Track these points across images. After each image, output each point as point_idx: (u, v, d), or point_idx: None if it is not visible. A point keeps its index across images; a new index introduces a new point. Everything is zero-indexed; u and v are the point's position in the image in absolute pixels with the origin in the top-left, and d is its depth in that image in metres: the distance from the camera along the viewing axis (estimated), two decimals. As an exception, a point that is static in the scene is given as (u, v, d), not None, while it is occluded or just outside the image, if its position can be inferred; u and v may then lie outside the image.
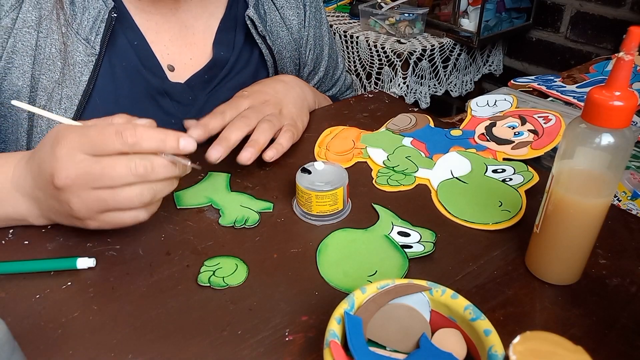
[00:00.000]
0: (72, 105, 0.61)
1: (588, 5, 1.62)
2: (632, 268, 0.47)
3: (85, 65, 0.61)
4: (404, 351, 0.37)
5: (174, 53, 0.69)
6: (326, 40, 0.84)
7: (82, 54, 0.61)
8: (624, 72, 0.36)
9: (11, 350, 0.32)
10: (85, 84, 0.61)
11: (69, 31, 0.60)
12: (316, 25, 0.81)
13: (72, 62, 0.60)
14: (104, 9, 0.61)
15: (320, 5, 0.82)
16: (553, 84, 1.08)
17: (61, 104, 0.61)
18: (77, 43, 0.60)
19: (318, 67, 0.85)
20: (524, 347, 0.30)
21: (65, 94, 0.61)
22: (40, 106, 0.60)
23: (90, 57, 0.61)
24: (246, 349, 0.41)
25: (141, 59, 0.65)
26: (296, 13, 0.77)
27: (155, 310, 0.44)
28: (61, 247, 0.51)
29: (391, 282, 0.38)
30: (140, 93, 0.66)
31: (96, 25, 0.60)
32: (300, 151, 0.65)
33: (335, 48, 0.88)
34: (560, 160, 0.42)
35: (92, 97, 0.62)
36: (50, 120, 0.61)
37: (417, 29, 1.68)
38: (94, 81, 0.62)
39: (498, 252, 0.50)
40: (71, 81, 0.61)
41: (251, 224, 0.53)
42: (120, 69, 0.64)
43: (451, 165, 0.61)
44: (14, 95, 0.60)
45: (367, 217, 0.54)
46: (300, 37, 0.79)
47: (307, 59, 0.82)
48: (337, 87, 0.91)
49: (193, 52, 0.70)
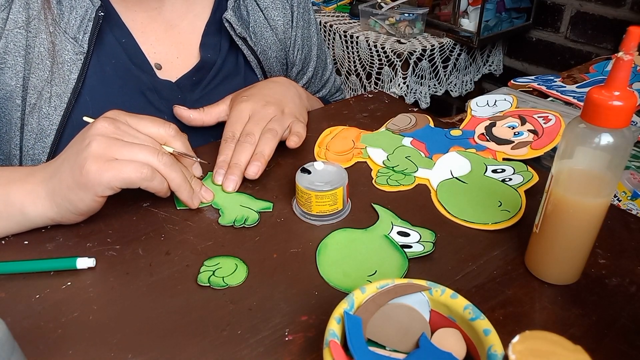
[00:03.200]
0: (61, 103, 0.62)
1: (588, 5, 1.62)
2: (631, 268, 0.47)
3: (74, 63, 0.62)
4: (404, 351, 0.37)
5: (160, 52, 0.69)
6: (314, 41, 0.85)
7: (70, 53, 0.61)
8: (623, 72, 0.37)
9: (11, 350, 0.32)
10: (74, 82, 0.62)
11: (56, 30, 0.61)
12: (304, 26, 0.81)
13: (60, 61, 0.61)
14: (90, 7, 0.61)
15: (308, 6, 0.83)
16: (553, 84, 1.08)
17: (51, 102, 0.62)
18: (65, 42, 0.61)
19: (306, 68, 0.85)
20: (524, 347, 0.30)
21: (54, 92, 0.61)
22: (30, 104, 0.61)
23: (79, 56, 0.62)
24: (246, 349, 0.41)
25: (130, 57, 0.66)
26: (282, 14, 0.77)
27: (155, 310, 0.44)
28: (61, 247, 0.51)
29: (391, 282, 0.38)
30: (131, 90, 0.66)
31: (84, 24, 0.61)
32: (300, 151, 0.65)
33: (325, 49, 0.89)
34: (560, 160, 0.42)
35: (82, 94, 0.63)
36: (41, 117, 0.62)
37: (417, 29, 1.68)
38: (82, 79, 0.62)
39: (498, 252, 0.50)
40: (60, 79, 0.61)
41: (251, 224, 0.53)
42: (109, 67, 0.65)
43: (451, 165, 0.61)
44: (7, 94, 0.61)
45: (367, 217, 0.54)
46: (287, 38, 0.79)
47: (295, 59, 0.82)
48: (327, 88, 0.92)
49: (180, 51, 0.71)
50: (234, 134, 0.63)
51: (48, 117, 0.62)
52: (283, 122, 0.64)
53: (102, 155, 0.48)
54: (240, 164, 0.59)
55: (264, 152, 0.60)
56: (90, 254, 0.49)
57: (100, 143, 0.48)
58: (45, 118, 0.62)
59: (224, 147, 0.62)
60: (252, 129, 0.62)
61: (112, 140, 0.49)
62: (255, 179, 0.59)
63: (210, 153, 0.64)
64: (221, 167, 0.60)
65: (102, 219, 0.54)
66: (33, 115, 0.62)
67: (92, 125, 0.50)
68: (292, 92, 0.71)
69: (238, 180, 0.59)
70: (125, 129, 0.50)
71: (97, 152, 0.48)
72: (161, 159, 0.50)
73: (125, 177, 0.48)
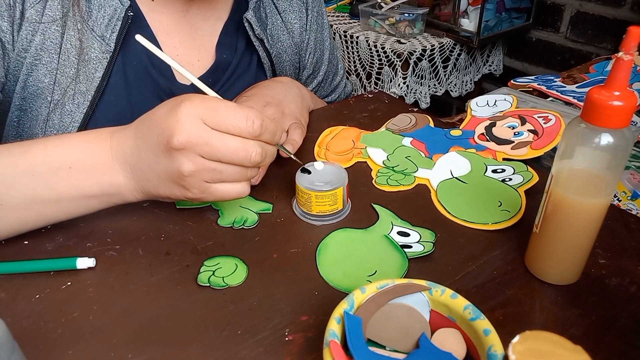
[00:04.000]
0: (85, 101, 0.62)
1: (588, 5, 1.62)
2: (631, 268, 0.47)
3: (100, 62, 0.61)
4: (404, 351, 0.37)
5: (182, 55, 0.69)
6: (327, 45, 0.84)
7: (96, 51, 0.61)
8: (623, 72, 0.37)
9: (11, 350, 0.32)
10: (98, 80, 0.62)
11: (84, 27, 0.60)
12: (317, 29, 0.81)
13: (86, 59, 0.61)
14: (120, 7, 0.61)
15: (322, 10, 0.82)
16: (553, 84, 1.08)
17: (74, 99, 0.61)
18: (92, 40, 0.61)
19: (317, 71, 0.85)
20: (524, 347, 0.30)
21: (79, 90, 0.61)
22: (54, 101, 0.61)
23: (105, 54, 0.61)
24: (246, 349, 0.41)
25: (151, 59, 0.66)
26: (298, 17, 0.77)
27: (155, 310, 0.44)
28: (61, 247, 0.51)
29: (391, 282, 0.38)
30: (149, 92, 0.66)
31: (112, 23, 0.61)
32: (300, 151, 0.65)
33: (336, 54, 0.89)
34: (560, 160, 0.42)
35: (106, 93, 0.63)
36: (63, 114, 0.61)
37: (417, 29, 1.68)
38: (107, 78, 0.62)
39: (497, 252, 0.50)
40: (85, 77, 0.61)
41: (250, 225, 0.53)
42: (130, 67, 0.65)
43: (451, 165, 0.61)
44: (38, 91, 0.60)
45: (367, 217, 0.54)
46: (302, 41, 0.79)
47: (307, 62, 0.82)
48: (337, 93, 0.91)
49: (201, 54, 0.71)
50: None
51: (71, 114, 0.62)
52: (282, 125, 0.64)
53: (199, 182, 0.46)
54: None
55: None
56: (90, 254, 0.49)
57: (192, 171, 0.45)
58: (68, 115, 0.62)
59: None
60: None
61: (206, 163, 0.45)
62: (255, 184, 0.58)
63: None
64: None
65: (102, 219, 0.54)
66: (56, 112, 0.61)
67: (173, 160, 0.45)
68: (293, 92, 0.71)
69: None
70: (215, 142, 0.44)
71: (192, 181, 0.45)
72: (255, 170, 0.48)
73: (232, 197, 0.48)
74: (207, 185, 0.46)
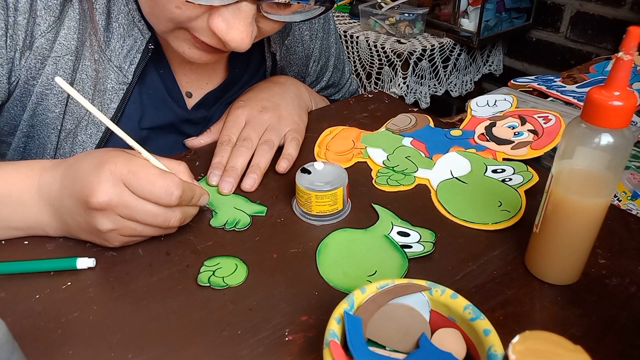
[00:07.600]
0: (98, 132, 0.60)
1: (588, 5, 1.62)
2: (631, 268, 0.47)
3: (116, 92, 0.60)
4: (404, 351, 0.37)
5: (192, 80, 0.68)
6: (332, 51, 0.82)
7: (113, 82, 0.59)
8: (623, 72, 0.37)
9: (11, 350, 0.32)
10: (113, 111, 0.60)
11: (101, 57, 0.58)
12: (323, 37, 0.79)
13: (102, 89, 0.59)
14: (140, 38, 0.58)
15: (329, 15, 0.80)
16: (553, 84, 1.08)
17: (87, 130, 0.60)
18: (109, 70, 0.59)
19: (321, 78, 0.83)
20: (524, 347, 0.30)
21: (92, 120, 0.60)
22: (66, 130, 0.60)
23: (122, 85, 0.60)
24: (246, 349, 0.41)
25: (167, 88, 0.65)
26: (308, 27, 0.75)
27: (155, 310, 0.44)
28: (61, 247, 0.51)
29: (391, 282, 0.38)
30: (163, 120, 0.66)
31: (131, 55, 0.59)
32: (300, 151, 0.65)
33: (343, 57, 0.86)
34: (560, 160, 0.42)
35: (119, 123, 0.61)
36: (75, 144, 0.60)
37: (417, 29, 1.68)
38: (122, 108, 0.61)
39: (497, 252, 0.50)
40: (100, 107, 0.59)
41: (241, 227, 0.53)
42: (146, 96, 0.63)
43: (451, 165, 0.61)
44: (47, 120, 0.59)
45: (367, 217, 0.54)
46: (309, 50, 0.78)
47: (311, 70, 0.80)
48: (341, 93, 0.90)
49: (210, 76, 0.70)
50: (230, 138, 0.63)
51: (82, 144, 0.60)
52: (279, 131, 0.64)
53: (116, 236, 0.48)
54: (237, 168, 0.59)
55: (260, 164, 0.60)
56: (90, 254, 0.49)
57: (109, 228, 0.46)
58: (80, 145, 0.60)
59: (220, 149, 0.62)
60: (249, 134, 0.62)
61: (124, 223, 0.47)
62: (251, 191, 0.59)
63: (204, 156, 0.64)
64: (217, 169, 0.60)
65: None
66: (67, 141, 0.60)
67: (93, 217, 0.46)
68: (291, 94, 0.70)
69: (234, 183, 0.59)
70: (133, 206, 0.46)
71: (110, 236, 0.47)
72: (173, 224, 0.49)
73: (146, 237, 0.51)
74: (128, 238, 0.49)
